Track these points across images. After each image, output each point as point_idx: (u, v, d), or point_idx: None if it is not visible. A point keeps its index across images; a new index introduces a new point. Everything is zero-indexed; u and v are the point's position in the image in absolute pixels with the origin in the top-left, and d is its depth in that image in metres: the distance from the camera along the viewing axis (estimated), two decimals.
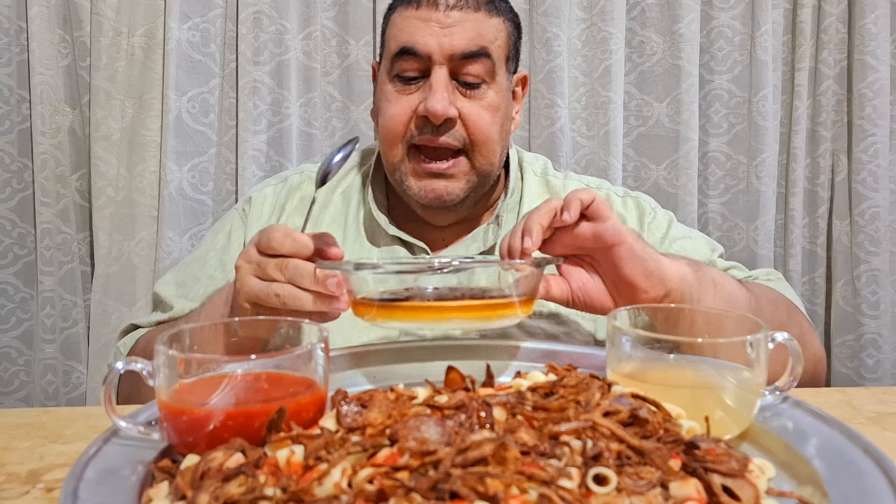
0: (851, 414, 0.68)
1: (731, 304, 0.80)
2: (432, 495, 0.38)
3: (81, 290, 1.62)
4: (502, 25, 0.98)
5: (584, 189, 0.74)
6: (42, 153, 1.55)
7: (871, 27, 1.64)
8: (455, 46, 0.92)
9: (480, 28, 0.94)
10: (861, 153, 1.67)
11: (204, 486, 0.42)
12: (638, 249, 0.74)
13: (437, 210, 1.00)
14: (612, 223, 0.73)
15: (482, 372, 0.63)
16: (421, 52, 0.93)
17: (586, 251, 0.77)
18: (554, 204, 0.73)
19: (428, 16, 0.93)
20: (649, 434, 0.47)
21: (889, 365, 1.70)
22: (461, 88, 0.95)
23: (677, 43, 1.65)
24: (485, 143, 0.95)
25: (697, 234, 1.09)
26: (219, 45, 1.60)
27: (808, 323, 0.96)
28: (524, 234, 0.71)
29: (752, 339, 0.56)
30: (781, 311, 0.89)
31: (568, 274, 0.78)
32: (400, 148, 0.96)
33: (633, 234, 0.75)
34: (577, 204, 0.72)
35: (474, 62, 0.94)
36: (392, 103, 0.96)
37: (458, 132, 0.94)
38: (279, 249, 0.71)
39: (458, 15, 0.93)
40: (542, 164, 1.12)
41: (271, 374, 0.54)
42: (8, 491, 0.53)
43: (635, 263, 0.74)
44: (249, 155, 1.58)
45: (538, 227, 0.71)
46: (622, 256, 0.74)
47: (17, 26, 1.56)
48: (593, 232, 0.73)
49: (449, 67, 0.94)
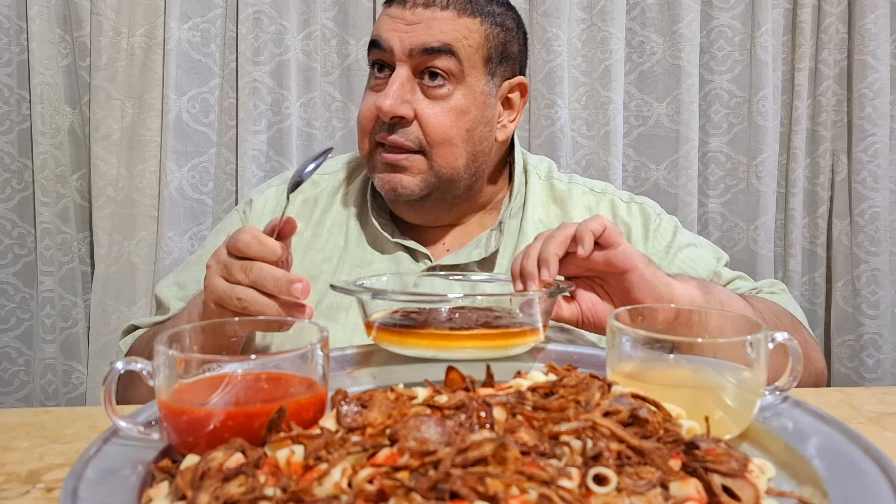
0: (851, 414, 0.68)
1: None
2: (432, 495, 0.38)
3: (81, 290, 1.62)
4: (478, 26, 0.96)
5: (595, 218, 0.75)
6: (42, 153, 1.56)
7: (871, 27, 1.64)
8: (415, 42, 0.93)
9: (446, 26, 0.94)
10: (861, 153, 1.67)
11: (204, 486, 0.42)
12: (649, 275, 0.75)
13: (401, 205, 1.00)
14: (622, 249, 0.74)
15: (482, 372, 0.63)
16: (384, 46, 0.94)
17: (598, 273, 0.78)
18: (568, 232, 0.73)
19: (396, 13, 0.95)
20: (649, 434, 0.46)
21: (889, 365, 1.70)
22: (425, 86, 0.95)
23: (677, 43, 1.65)
24: (442, 145, 0.95)
25: (703, 241, 1.09)
26: (219, 45, 1.60)
27: (811, 336, 0.96)
28: (540, 263, 0.72)
29: (752, 339, 0.56)
30: (785, 326, 0.89)
31: (578, 295, 0.79)
32: (367, 143, 0.98)
33: (644, 259, 0.76)
34: (590, 236, 0.73)
35: (436, 58, 0.93)
36: (365, 99, 0.99)
37: (412, 132, 0.94)
38: (246, 252, 0.72)
39: (423, 13, 0.94)
40: (547, 167, 1.11)
41: (271, 374, 0.54)
42: (8, 491, 0.53)
43: (647, 289, 0.75)
44: (249, 155, 1.58)
45: (555, 257, 0.72)
46: (633, 282, 0.75)
47: (17, 26, 1.56)
48: (605, 258, 0.75)
49: (411, 65, 0.94)
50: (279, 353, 0.56)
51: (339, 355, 0.73)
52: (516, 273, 0.74)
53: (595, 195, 1.09)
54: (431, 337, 0.67)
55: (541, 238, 0.75)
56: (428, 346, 0.68)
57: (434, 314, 0.70)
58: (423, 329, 0.68)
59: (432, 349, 0.68)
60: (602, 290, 0.79)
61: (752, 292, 1.01)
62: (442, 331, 0.68)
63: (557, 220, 1.06)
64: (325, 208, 1.07)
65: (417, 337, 0.68)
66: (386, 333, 0.70)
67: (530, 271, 0.72)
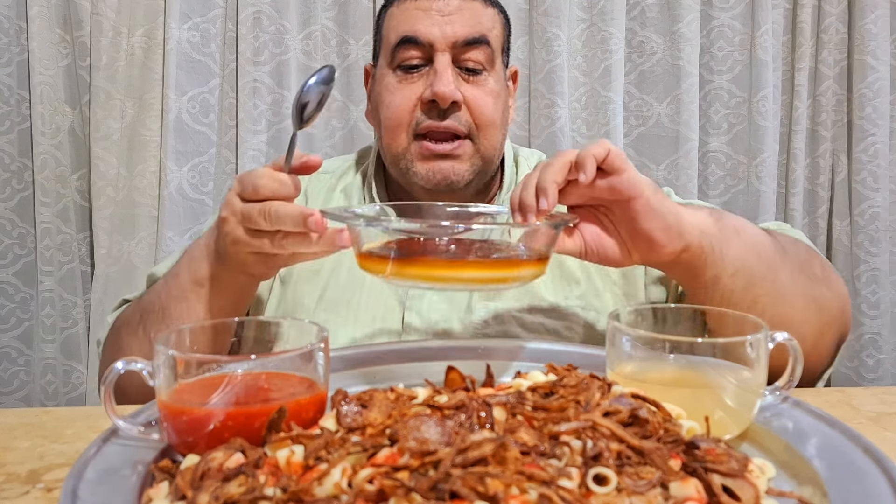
0: (851, 414, 0.68)
1: (756, 250, 0.76)
2: (432, 495, 0.38)
3: (81, 290, 1.62)
4: (497, 16, 1.00)
5: (599, 143, 0.69)
6: (42, 153, 1.55)
7: (871, 27, 1.64)
8: (457, 33, 0.94)
9: (479, 16, 0.96)
10: (861, 153, 1.67)
11: (204, 486, 0.42)
12: (656, 203, 0.70)
13: (443, 193, 0.98)
14: (627, 176, 0.69)
15: (482, 372, 0.63)
16: (423, 41, 0.94)
17: (601, 202, 0.73)
18: (568, 157, 0.69)
19: (427, 5, 0.95)
20: (649, 434, 0.47)
21: (889, 365, 1.70)
22: (463, 74, 0.96)
23: (677, 43, 1.65)
24: (489, 127, 0.96)
25: (696, 202, 1.08)
26: (219, 45, 1.60)
27: (827, 262, 0.92)
28: (538, 192, 0.68)
29: (752, 339, 0.56)
30: (802, 249, 0.86)
31: (581, 227, 0.74)
32: (405, 136, 0.96)
33: (651, 186, 0.71)
34: (592, 161, 0.68)
35: (475, 48, 0.95)
36: (395, 93, 0.96)
37: (462, 116, 0.95)
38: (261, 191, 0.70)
39: (456, 3, 0.95)
40: (538, 158, 1.12)
41: (271, 374, 0.54)
42: (8, 491, 0.53)
43: (653, 217, 0.70)
44: (249, 155, 1.58)
45: (553, 185, 0.68)
46: (639, 210, 0.70)
47: (17, 26, 1.56)
48: (609, 186, 0.69)
49: (451, 54, 0.95)
50: (279, 353, 0.56)
51: (338, 355, 0.73)
52: (515, 204, 0.70)
53: None
54: (429, 265, 0.63)
55: (540, 166, 0.71)
56: (423, 277, 0.63)
57: (431, 245, 0.65)
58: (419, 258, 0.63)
59: (429, 281, 0.63)
60: (607, 220, 0.74)
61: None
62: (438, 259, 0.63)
63: None
64: (325, 203, 1.07)
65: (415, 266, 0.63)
66: (377, 262, 0.64)
67: (529, 202, 0.68)
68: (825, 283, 0.83)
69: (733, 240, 0.75)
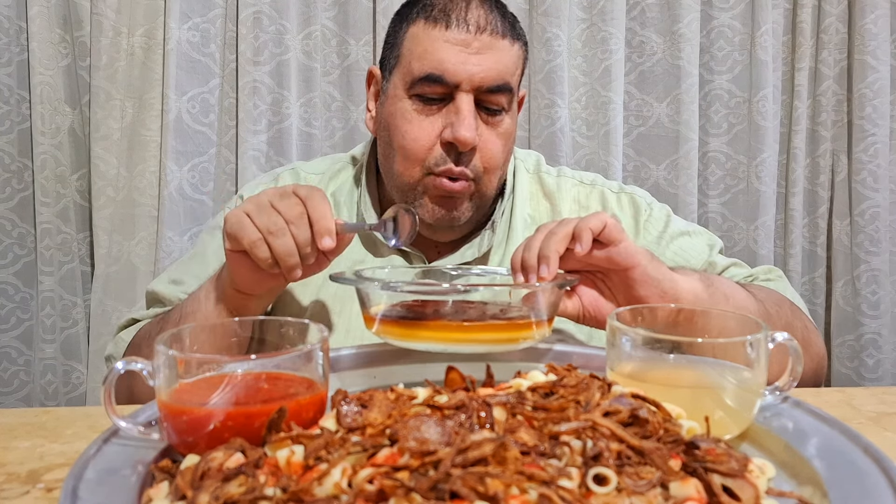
0: (851, 414, 0.68)
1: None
2: (432, 495, 0.38)
3: (81, 290, 1.62)
4: (520, 52, 0.97)
5: (596, 215, 0.74)
6: (42, 153, 1.56)
7: (871, 27, 1.64)
8: (484, 80, 0.91)
9: (506, 60, 0.93)
10: (861, 153, 1.67)
11: (204, 486, 0.42)
12: (652, 271, 0.75)
13: (441, 230, 0.99)
14: (624, 246, 0.74)
15: (482, 372, 0.63)
16: (449, 81, 0.91)
17: (600, 269, 0.77)
18: (569, 229, 0.73)
19: (457, 38, 0.91)
20: (649, 434, 0.46)
21: (889, 365, 1.70)
22: (482, 114, 0.94)
23: (677, 43, 1.65)
24: (493, 171, 0.96)
25: (697, 228, 1.08)
26: (219, 45, 1.60)
27: (811, 322, 0.96)
28: (540, 260, 0.72)
29: (752, 339, 0.56)
30: (786, 313, 0.89)
31: (580, 290, 0.78)
32: (419, 170, 0.94)
33: (647, 255, 0.76)
34: (589, 234, 0.72)
35: (497, 94, 0.93)
36: (413, 124, 0.93)
37: (475, 161, 0.94)
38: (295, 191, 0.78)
39: (487, 40, 0.91)
40: (535, 161, 1.11)
41: (271, 374, 0.54)
42: (8, 491, 0.53)
43: (650, 285, 0.74)
44: (249, 155, 1.58)
45: (555, 255, 0.72)
46: (636, 279, 0.74)
47: (17, 26, 1.56)
48: (607, 256, 0.74)
49: (474, 95, 0.92)
50: (279, 353, 0.56)
51: (338, 355, 0.73)
52: (517, 265, 0.74)
53: (585, 187, 1.08)
54: (440, 329, 0.65)
55: (542, 231, 0.74)
56: (436, 339, 0.66)
57: (438, 306, 0.68)
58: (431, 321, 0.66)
59: (441, 342, 0.66)
60: (604, 286, 0.78)
61: (748, 279, 1.00)
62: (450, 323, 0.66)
63: (547, 215, 1.06)
64: None
65: (425, 329, 0.65)
66: (390, 326, 0.67)
67: (532, 264, 0.72)
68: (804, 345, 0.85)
69: (722, 305, 0.79)
